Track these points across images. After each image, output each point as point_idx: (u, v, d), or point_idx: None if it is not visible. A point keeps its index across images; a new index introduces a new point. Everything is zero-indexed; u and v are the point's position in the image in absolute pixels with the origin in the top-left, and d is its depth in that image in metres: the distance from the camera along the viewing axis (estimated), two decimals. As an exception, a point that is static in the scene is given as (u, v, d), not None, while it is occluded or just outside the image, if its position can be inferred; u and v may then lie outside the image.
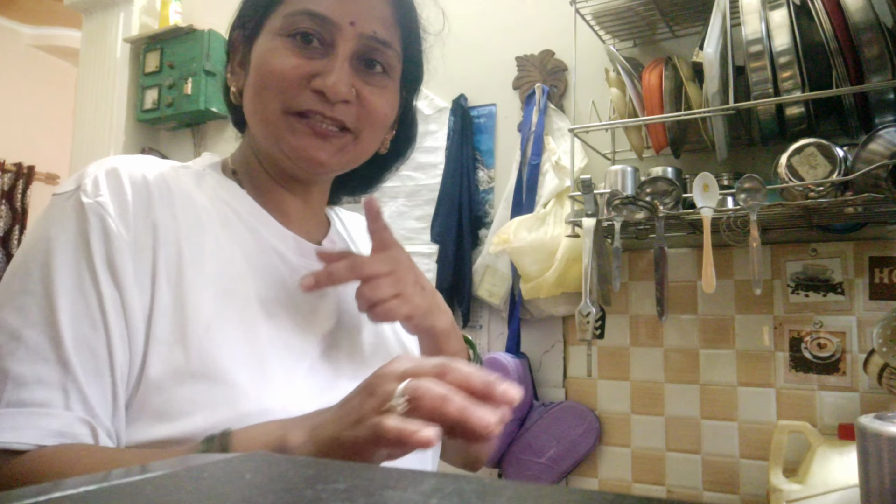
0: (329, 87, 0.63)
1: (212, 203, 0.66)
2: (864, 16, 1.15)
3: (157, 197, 0.62)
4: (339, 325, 0.70)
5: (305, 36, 0.65)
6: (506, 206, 1.76)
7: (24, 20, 4.16)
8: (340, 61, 0.65)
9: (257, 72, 0.66)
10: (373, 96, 0.67)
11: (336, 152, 0.67)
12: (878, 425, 0.96)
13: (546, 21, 1.79)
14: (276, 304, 0.65)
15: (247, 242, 0.67)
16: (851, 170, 1.19)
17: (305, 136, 0.65)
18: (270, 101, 0.65)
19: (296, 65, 0.64)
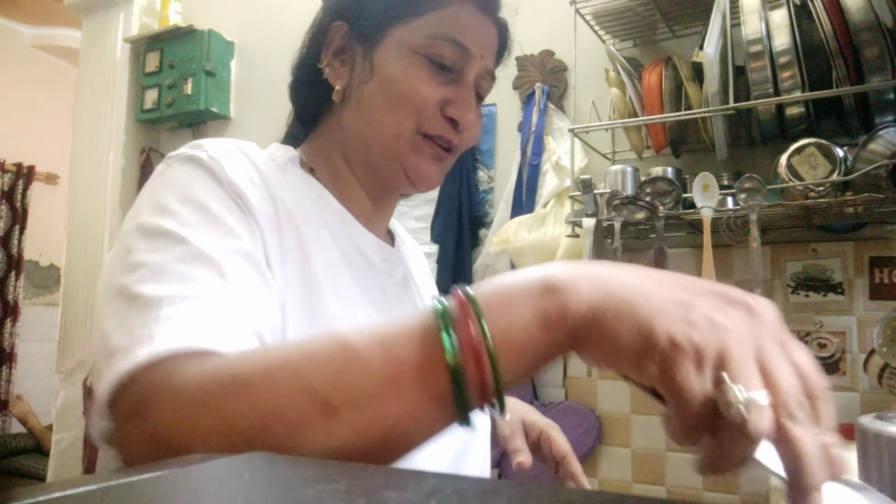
0: (465, 121, 0.66)
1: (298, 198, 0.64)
2: (864, 16, 1.15)
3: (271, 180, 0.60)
4: None
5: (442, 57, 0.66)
6: (506, 206, 1.76)
7: (24, 20, 4.16)
8: (470, 91, 0.67)
9: (393, 87, 0.65)
10: (476, 124, 0.70)
11: (441, 173, 0.70)
12: (878, 425, 0.96)
13: (546, 21, 1.79)
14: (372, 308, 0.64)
15: (340, 242, 0.66)
16: (851, 170, 1.19)
17: (428, 159, 0.68)
18: (405, 120, 0.65)
19: (435, 92, 0.65)
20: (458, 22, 0.66)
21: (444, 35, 0.65)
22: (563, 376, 1.68)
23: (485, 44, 0.68)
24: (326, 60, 0.70)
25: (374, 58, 0.67)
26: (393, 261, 0.72)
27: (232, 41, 2.39)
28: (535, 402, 1.67)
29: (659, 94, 1.41)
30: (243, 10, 2.39)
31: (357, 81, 0.68)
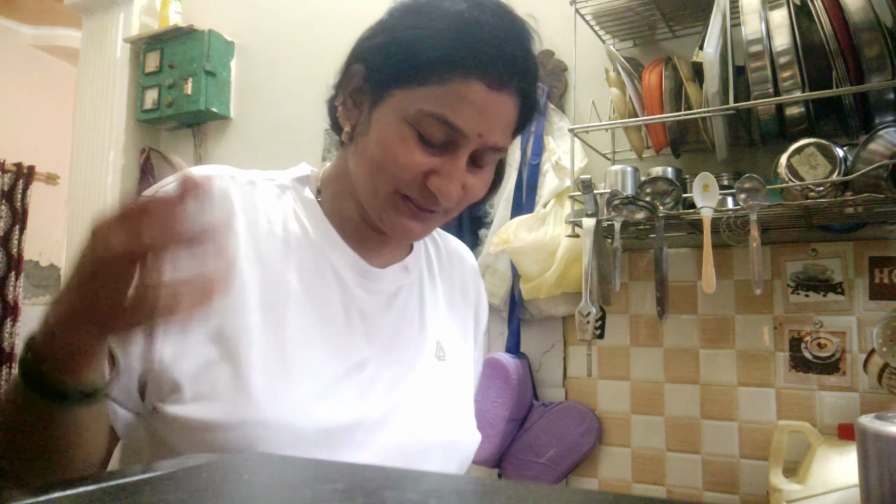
0: (445, 194, 0.66)
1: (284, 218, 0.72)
2: (864, 16, 1.15)
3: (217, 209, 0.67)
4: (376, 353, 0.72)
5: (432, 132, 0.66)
6: (506, 206, 1.76)
7: (24, 20, 4.16)
8: (460, 168, 0.67)
9: (377, 148, 0.67)
10: (477, 185, 0.70)
11: (427, 228, 0.72)
12: (878, 425, 0.96)
13: (546, 21, 1.78)
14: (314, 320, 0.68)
15: (306, 259, 0.70)
16: (851, 170, 1.19)
17: (407, 217, 0.69)
18: (384, 181, 0.67)
19: (418, 162, 0.66)
20: (457, 100, 0.64)
21: (437, 114, 0.64)
22: (563, 376, 1.68)
23: (490, 122, 0.66)
24: (341, 99, 0.73)
25: (373, 115, 0.68)
26: (378, 279, 0.74)
27: (232, 41, 2.39)
28: (535, 402, 1.67)
29: (659, 94, 1.41)
30: (243, 10, 2.39)
31: (358, 131, 0.71)
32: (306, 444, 0.63)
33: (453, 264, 0.87)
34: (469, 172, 0.68)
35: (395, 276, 0.77)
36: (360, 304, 0.72)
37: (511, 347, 1.69)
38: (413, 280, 0.79)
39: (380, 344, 0.72)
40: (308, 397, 0.64)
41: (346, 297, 0.72)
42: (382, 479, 0.29)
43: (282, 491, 0.27)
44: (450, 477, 0.26)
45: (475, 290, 0.90)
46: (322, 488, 0.27)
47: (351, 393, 0.68)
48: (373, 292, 0.74)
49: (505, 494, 0.26)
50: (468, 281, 0.88)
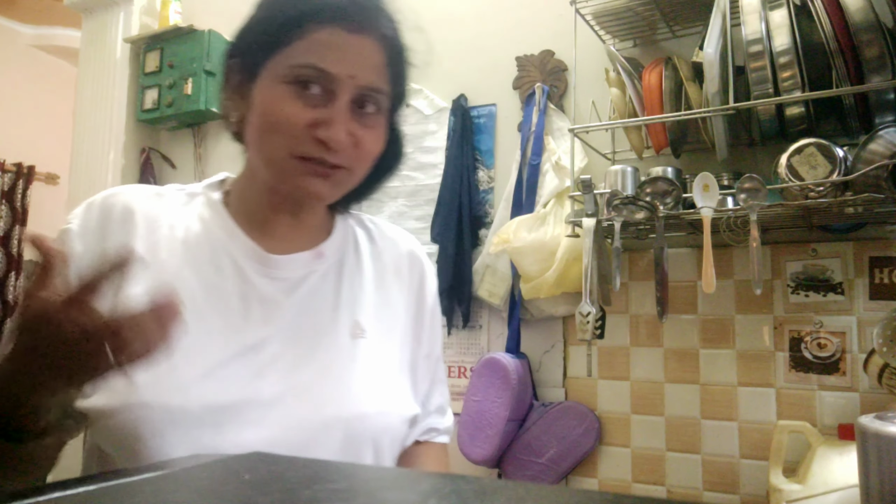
0: (332, 141, 0.70)
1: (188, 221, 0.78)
2: (864, 16, 1.15)
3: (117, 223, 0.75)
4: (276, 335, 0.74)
5: (306, 84, 0.70)
6: (506, 206, 1.76)
7: (24, 20, 4.16)
8: (341, 111, 0.70)
9: (262, 116, 0.71)
10: (367, 137, 0.74)
11: (333, 187, 0.74)
12: (878, 425, 0.96)
13: (546, 21, 1.79)
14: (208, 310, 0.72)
15: (203, 256, 0.76)
16: (851, 170, 1.19)
17: (308, 176, 0.72)
18: (276, 146, 0.71)
19: (299, 114, 0.70)
20: (320, 47, 0.70)
21: (305, 63, 0.70)
22: (563, 376, 1.68)
23: (356, 63, 0.71)
24: (227, 94, 0.78)
25: (253, 93, 0.73)
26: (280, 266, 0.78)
27: (232, 41, 2.39)
28: (535, 402, 1.67)
29: (659, 94, 1.41)
30: (243, 11, 2.39)
31: (246, 118, 0.75)
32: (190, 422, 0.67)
33: (386, 249, 0.90)
34: (358, 122, 0.72)
35: (303, 262, 0.80)
36: (260, 291, 0.76)
37: (511, 347, 1.69)
38: (330, 265, 0.82)
39: (282, 326, 0.75)
40: (191, 378, 0.68)
41: (245, 286, 0.75)
42: (382, 479, 0.29)
43: (282, 491, 0.27)
44: (449, 477, 0.26)
45: (413, 273, 0.91)
46: (322, 488, 0.27)
47: (243, 372, 0.71)
48: (275, 279, 0.77)
49: (505, 494, 0.26)
50: (402, 264, 0.90)
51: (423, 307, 0.90)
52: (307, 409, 0.72)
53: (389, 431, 0.78)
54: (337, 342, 0.78)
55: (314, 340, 0.76)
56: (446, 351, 1.83)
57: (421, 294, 0.91)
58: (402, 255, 0.91)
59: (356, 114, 0.73)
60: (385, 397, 0.79)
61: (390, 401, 0.79)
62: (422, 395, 0.90)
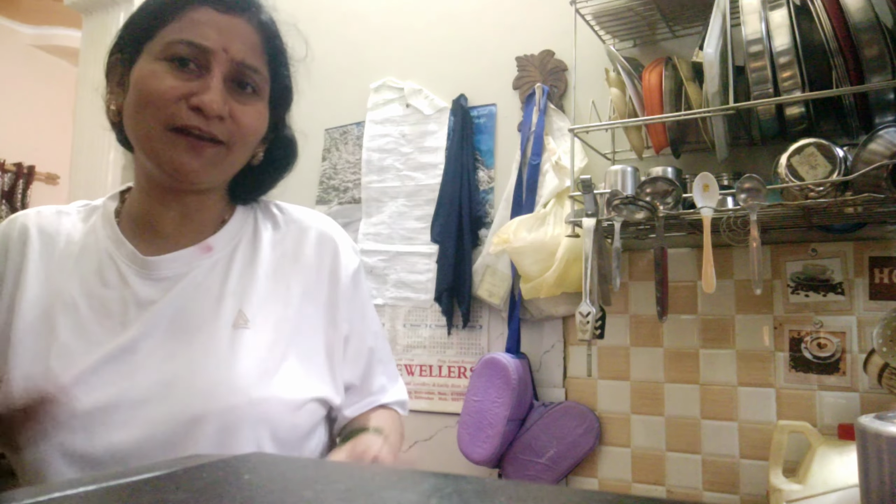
0: (206, 104, 0.71)
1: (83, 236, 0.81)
2: (864, 16, 1.15)
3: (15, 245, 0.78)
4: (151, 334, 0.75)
5: (183, 60, 0.73)
6: (506, 206, 1.76)
7: (24, 20, 4.16)
8: (215, 81, 0.73)
9: (138, 92, 0.74)
10: (243, 114, 0.76)
11: (208, 164, 0.75)
12: (878, 425, 0.96)
13: (546, 21, 1.79)
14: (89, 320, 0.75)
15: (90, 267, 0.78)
16: (851, 170, 1.19)
17: (182, 151, 0.73)
18: (151, 119, 0.73)
19: (174, 85, 0.72)
20: (194, 24, 0.74)
21: (178, 38, 0.73)
22: (563, 376, 1.68)
23: (228, 40, 0.74)
24: (109, 88, 0.80)
25: (131, 76, 0.76)
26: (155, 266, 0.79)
27: (232, 41, 2.39)
28: (535, 402, 1.67)
29: (659, 94, 1.41)
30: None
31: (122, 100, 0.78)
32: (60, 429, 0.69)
33: (289, 234, 0.88)
34: (234, 99, 0.75)
35: (185, 259, 0.80)
36: (138, 295, 0.77)
37: (511, 347, 1.69)
38: (218, 258, 0.82)
39: (157, 325, 0.76)
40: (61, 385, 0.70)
41: (125, 291, 0.77)
42: (382, 479, 0.29)
43: (282, 491, 0.27)
44: (450, 477, 0.26)
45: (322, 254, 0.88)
46: (322, 488, 0.27)
47: (114, 375, 0.72)
48: (155, 280, 0.78)
49: (505, 494, 0.26)
50: (307, 247, 0.88)
51: (336, 288, 0.88)
52: (175, 405, 0.72)
53: (270, 421, 0.75)
54: (215, 334, 0.77)
55: (190, 335, 0.76)
56: (446, 351, 1.83)
57: (334, 275, 0.88)
58: (309, 237, 0.89)
59: (233, 91, 0.75)
60: (264, 385, 0.76)
61: (270, 388, 0.76)
62: (355, 379, 0.88)
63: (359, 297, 0.91)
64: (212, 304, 0.79)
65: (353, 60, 2.09)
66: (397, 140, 1.98)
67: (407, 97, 1.99)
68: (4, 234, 0.80)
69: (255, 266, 0.83)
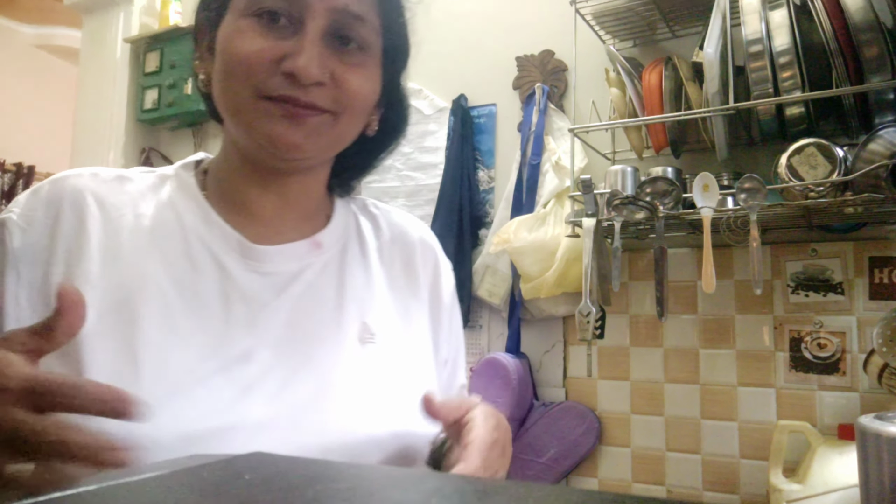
0: (300, 70, 0.58)
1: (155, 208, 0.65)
2: (864, 16, 1.15)
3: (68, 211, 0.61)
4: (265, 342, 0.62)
5: (272, 14, 0.60)
6: (506, 206, 1.76)
7: (24, 20, 4.16)
8: (311, 40, 0.59)
9: (223, 56, 0.62)
10: (349, 75, 0.62)
11: (311, 134, 0.62)
12: (878, 425, 0.96)
13: (546, 21, 1.79)
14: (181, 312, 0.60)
15: (175, 248, 0.63)
16: (851, 170, 1.19)
17: (279, 121, 0.61)
18: (240, 87, 0.61)
19: (263, 47, 0.60)
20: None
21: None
22: (563, 376, 1.68)
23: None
24: (198, 54, 0.70)
25: (217, 39, 0.64)
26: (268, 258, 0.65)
27: (232, 41, 2.39)
28: (536, 402, 1.67)
29: (659, 94, 1.41)
30: (243, 10, 2.39)
31: (212, 66, 0.66)
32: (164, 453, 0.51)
33: (395, 238, 0.77)
34: (337, 59, 0.62)
35: (297, 253, 0.68)
36: (244, 289, 0.63)
37: (511, 347, 1.70)
38: (330, 257, 0.70)
39: (271, 330, 0.62)
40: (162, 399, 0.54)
41: (226, 282, 0.63)
42: (383, 479, 0.29)
43: (282, 491, 0.27)
44: (450, 477, 0.26)
45: (426, 265, 0.77)
46: (323, 488, 0.27)
47: (226, 391, 0.57)
48: (263, 274, 0.65)
49: (505, 494, 0.26)
50: (414, 257, 0.77)
51: (439, 306, 0.77)
52: (305, 435, 0.58)
53: (407, 457, 0.63)
54: (341, 349, 0.65)
55: (312, 348, 0.63)
56: (446, 351, 1.83)
57: (436, 290, 0.77)
58: (415, 247, 0.78)
59: (334, 49, 0.62)
60: (402, 416, 0.63)
61: (408, 420, 0.63)
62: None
63: (456, 319, 0.80)
64: (331, 311, 0.66)
65: (353, 60, 2.09)
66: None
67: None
68: (52, 199, 0.62)
69: (368, 271, 0.72)
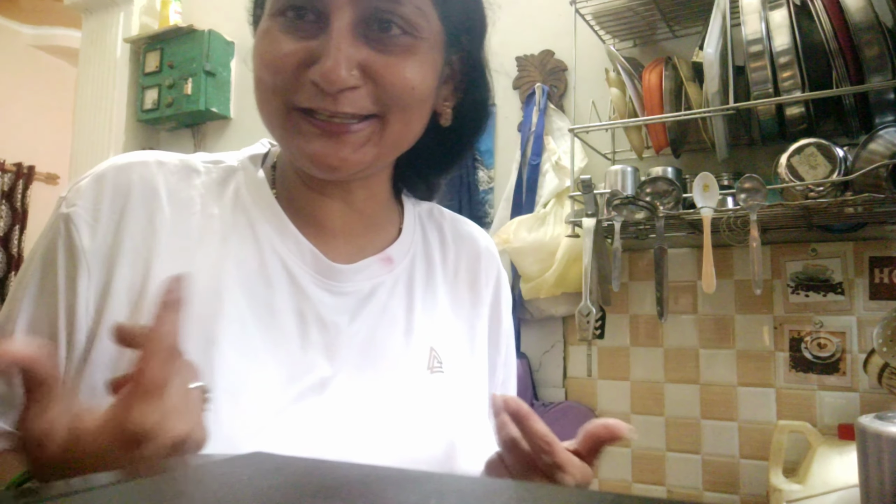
0: (324, 76, 0.51)
1: (224, 208, 0.59)
2: (864, 16, 1.15)
3: (137, 206, 0.55)
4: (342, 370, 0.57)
5: (297, 10, 0.53)
6: (506, 206, 1.76)
7: (24, 20, 4.16)
8: (337, 36, 0.51)
9: (254, 62, 0.56)
10: (390, 68, 0.53)
11: (356, 147, 0.54)
12: (878, 425, 0.96)
13: (546, 21, 1.79)
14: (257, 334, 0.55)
15: (248, 258, 0.57)
16: (851, 170, 1.19)
17: (315, 138, 0.53)
18: (271, 98, 0.54)
19: (289, 50, 0.53)
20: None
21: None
22: (563, 376, 1.68)
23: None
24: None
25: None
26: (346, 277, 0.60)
27: (232, 41, 2.39)
28: (535, 402, 1.67)
29: (659, 94, 1.41)
30: (243, 10, 2.38)
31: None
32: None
33: (462, 252, 0.69)
34: (370, 48, 0.53)
35: (370, 271, 0.61)
36: (320, 310, 0.57)
37: (511, 347, 1.69)
38: (399, 274, 0.63)
39: (347, 358, 0.57)
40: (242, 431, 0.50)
41: (302, 301, 0.57)
42: (383, 479, 0.29)
43: (282, 491, 0.27)
44: (450, 477, 0.26)
45: (489, 280, 0.71)
46: (322, 488, 0.27)
47: (304, 423, 0.53)
48: (338, 294, 0.59)
49: (505, 494, 0.26)
50: (479, 272, 0.70)
51: (498, 325, 0.71)
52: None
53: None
54: (412, 379, 0.60)
55: (386, 377, 0.59)
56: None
57: (496, 308, 0.71)
58: (479, 258, 0.71)
59: (370, 39, 0.53)
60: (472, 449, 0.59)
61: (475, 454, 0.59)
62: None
63: (512, 341, 0.74)
64: (401, 336, 0.61)
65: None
66: (397, 140, 1.98)
67: (407, 97, 1.99)
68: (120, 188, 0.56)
69: (434, 291, 0.65)
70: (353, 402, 0.56)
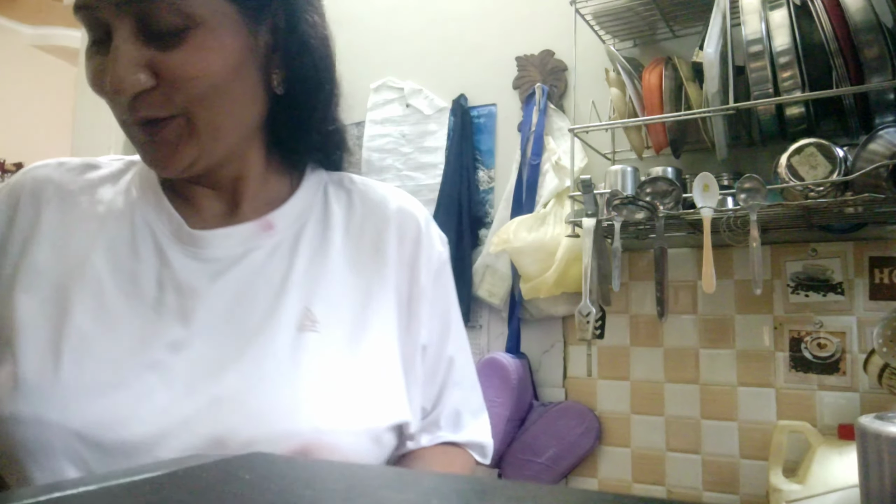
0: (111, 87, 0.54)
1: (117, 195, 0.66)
2: (864, 16, 1.15)
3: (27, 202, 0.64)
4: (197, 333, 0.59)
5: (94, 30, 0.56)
6: (506, 206, 1.76)
7: (24, 20, 4.16)
8: (118, 45, 0.54)
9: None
10: (172, 62, 0.55)
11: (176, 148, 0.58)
12: (878, 425, 0.96)
13: (546, 21, 1.79)
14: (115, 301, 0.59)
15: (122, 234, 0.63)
16: (851, 170, 1.19)
17: (145, 145, 0.59)
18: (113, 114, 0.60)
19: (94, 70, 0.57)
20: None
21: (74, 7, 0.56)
22: (563, 376, 1.68)
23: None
24: None
25: None
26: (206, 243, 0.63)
27: (232, 41, 2.39)
28: (535, 402, 1.67)
29: (659, 94, 1.41)
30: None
31: None
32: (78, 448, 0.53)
33: (368, 216, 0.70)
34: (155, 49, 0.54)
35: (242, 236, 0.64)
36: (180, 276, 0.61)
37: (511, 347, 1.69)
38: (283, 238, 0.66)
39: (206, 322, 0.59)
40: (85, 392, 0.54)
41: (163, 269, 0.61)
42: (383, 479, 0.29)
43: (282, 491, 0.27)
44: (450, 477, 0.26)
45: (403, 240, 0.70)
46: (322, 488, 0.27)
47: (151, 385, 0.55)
48: (203, 260, 0.62)
49: (505, 494, 0.26)
50: (386, 232, 0.70)
51: (415, 284, 0.70)
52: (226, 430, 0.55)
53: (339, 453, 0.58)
54: (276, 337, 0.60)
55: (244, 336, 0.60)
56: (446, 351, 1.83)
57: (414, 268, 0.70)
58: (390, 221, 0.71)
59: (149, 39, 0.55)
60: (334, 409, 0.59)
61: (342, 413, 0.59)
62: (426, 402, 0.71)
63: (442, 299, 0.73)
64: (272, 296, 0.62)
65: (352, 60, 2.09)
66: (397, 140, 1.98)
67: (407, 97, 1.99)
68: (15, 188, 0.64)
69: (326, 253, 0.67)
70: (207, 363, 0.58)
